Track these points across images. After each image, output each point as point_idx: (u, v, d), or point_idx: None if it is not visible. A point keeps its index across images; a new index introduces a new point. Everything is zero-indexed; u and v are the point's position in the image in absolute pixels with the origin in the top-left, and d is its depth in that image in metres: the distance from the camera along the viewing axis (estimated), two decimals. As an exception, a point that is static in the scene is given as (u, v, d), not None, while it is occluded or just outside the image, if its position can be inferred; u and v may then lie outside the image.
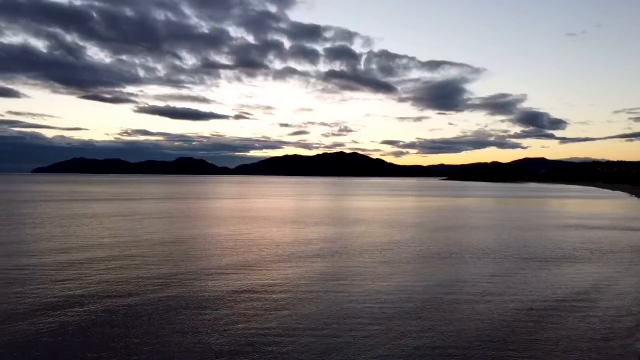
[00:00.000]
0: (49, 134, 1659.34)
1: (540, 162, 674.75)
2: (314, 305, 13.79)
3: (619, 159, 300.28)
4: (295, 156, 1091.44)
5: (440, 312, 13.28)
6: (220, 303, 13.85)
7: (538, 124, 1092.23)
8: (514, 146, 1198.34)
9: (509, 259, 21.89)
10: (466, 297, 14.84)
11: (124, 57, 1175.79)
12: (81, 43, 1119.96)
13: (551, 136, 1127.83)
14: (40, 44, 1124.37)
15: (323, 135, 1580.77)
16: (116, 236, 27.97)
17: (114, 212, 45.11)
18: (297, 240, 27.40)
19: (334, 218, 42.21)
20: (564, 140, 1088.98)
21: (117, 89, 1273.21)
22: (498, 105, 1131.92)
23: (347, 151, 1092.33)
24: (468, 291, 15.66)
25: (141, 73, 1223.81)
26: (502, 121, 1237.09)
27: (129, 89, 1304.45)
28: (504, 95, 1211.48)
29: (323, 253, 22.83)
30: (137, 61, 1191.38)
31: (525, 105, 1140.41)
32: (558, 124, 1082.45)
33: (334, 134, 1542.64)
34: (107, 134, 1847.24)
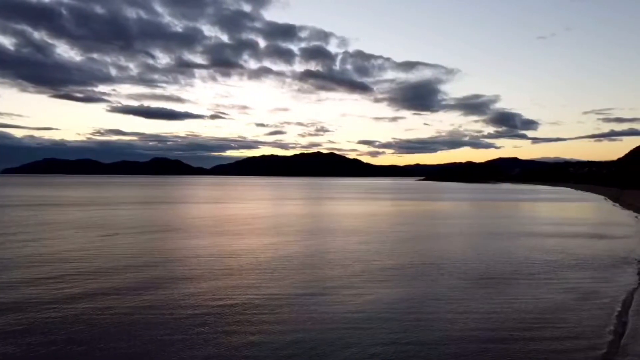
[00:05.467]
0: (18, 133, 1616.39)
1: (513, 161, 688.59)
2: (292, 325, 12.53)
3: (588, 159, 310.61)
4: (272, 156, 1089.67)
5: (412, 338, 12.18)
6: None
7: (511, 124, 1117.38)
8: (488, 146, 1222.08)
9: (490, 275, 21.00)
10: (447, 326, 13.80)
11: (95, 55, 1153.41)
12: (50, 41, 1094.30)
13: (523, 136, 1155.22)
14: (7, 42, 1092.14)
15: (299, 135, 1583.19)
16: (88, 249, 26.07)
17: (87, 221, 42.82)
18: (275, 256, 26.06)
19: (311, 227, 41.04)
20: (535, 140, 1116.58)
21: (88, 88, 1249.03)
22: (472, 105, 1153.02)
23: (324, 151, 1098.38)
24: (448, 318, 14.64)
25: (113, 72, 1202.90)
26: (476, 121, 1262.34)
27: (101, 88, 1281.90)
28: (478, 96, 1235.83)
29: (302, 268, 21.55)
30: (108, 60, 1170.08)
31: (498, 106, 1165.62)
32: (530, 124, 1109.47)
33: (310, 134, 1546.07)
34: (78, 134, 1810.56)
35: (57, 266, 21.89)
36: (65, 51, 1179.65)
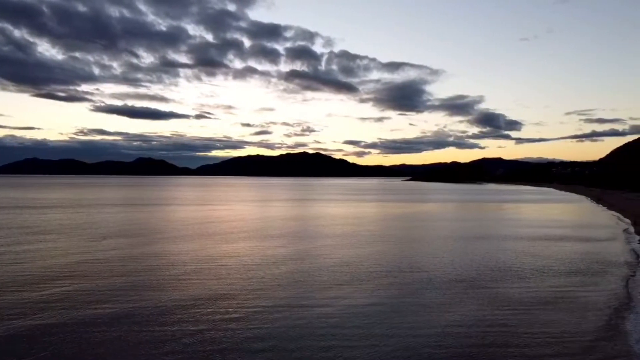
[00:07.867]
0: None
1: (498, 162, 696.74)
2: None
3: (571, 159, 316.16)
4: (257, 156, 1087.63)
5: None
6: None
7: (495, 124, 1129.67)
8: (472, 146, 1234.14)
9: (480, 284, 21.04)
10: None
11: (77, 54, 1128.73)
12: (31, 39, 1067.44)
13: (507, 137, 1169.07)
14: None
15: (285, 135, 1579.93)
16: (73, 264, 25.44)
17: (71, 225, 41.93)
18: (262, 263, 25.84)
19: (299, 231, 40.86)
20: (519, 140, 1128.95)
21: (71, 87, 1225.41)
22: (456, 106, 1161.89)
23: (310, 151, 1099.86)
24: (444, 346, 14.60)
25: (96, 71, 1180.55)
26: (461, 122, 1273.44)
27: (84, 87, 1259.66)
28: (462, 97, 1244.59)
29: (288, 279, 21.38)
30: (91, 59, 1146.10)
31: (482, 106, 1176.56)
32: (514, 124, 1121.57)
33: (296, 134, 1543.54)
34: (61, 134, 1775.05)
35: (40, 287, 20.67)
36: (47, 50, 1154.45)
